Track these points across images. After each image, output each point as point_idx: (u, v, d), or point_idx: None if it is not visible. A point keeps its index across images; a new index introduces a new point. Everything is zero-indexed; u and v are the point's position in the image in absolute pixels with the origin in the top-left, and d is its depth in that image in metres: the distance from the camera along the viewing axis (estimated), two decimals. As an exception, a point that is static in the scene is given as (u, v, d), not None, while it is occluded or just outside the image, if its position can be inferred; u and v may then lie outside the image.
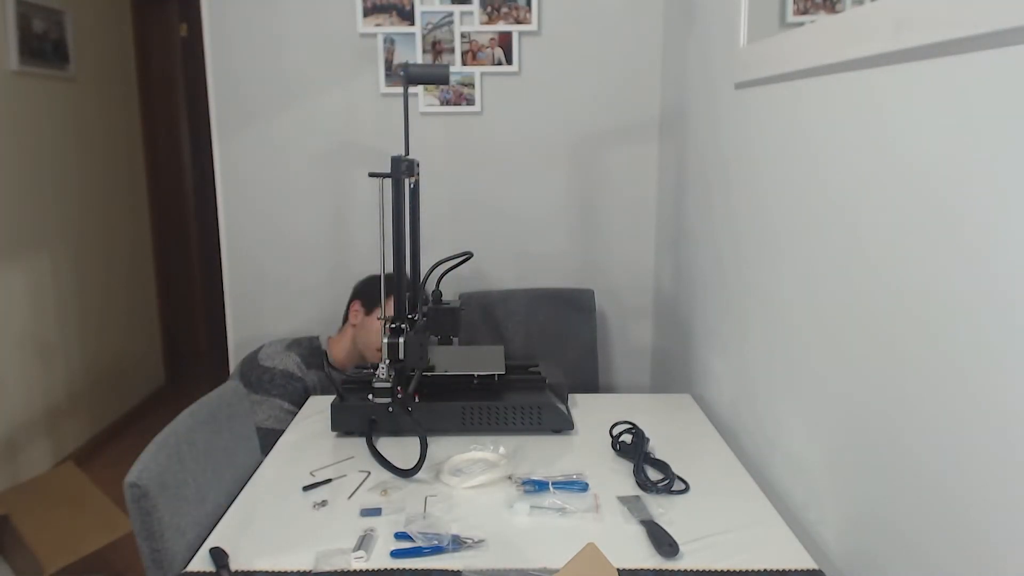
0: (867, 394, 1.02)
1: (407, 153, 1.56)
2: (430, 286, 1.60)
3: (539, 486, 1.25)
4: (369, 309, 1.87)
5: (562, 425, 1.49)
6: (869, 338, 1.01)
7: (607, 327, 2.36)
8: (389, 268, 1.49)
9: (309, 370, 1.81)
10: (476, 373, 1.52)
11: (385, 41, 2.15)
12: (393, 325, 1.49)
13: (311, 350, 1.87)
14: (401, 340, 1.46)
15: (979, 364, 0.79)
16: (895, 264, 0.94)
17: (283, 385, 1.73)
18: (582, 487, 1.25)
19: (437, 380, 1.52)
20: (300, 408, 1.66)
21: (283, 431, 1.54)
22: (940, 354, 0.85)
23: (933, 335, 0.86)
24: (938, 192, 0.85)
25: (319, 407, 1.62)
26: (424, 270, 1.63)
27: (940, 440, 0.86)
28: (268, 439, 1.53)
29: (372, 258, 2.29)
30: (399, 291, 1.50)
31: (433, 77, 1.53)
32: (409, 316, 1.51)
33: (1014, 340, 0.73)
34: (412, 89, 2.17)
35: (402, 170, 1.47)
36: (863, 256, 1.02)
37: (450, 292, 1.71)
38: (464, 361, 1.60)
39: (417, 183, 1.58)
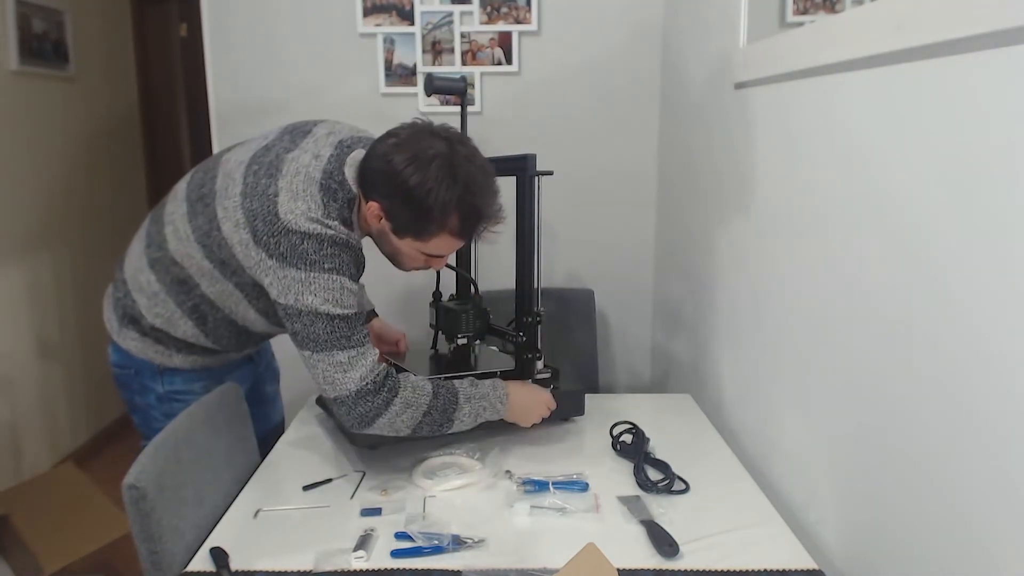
0: (867, 394, 1.02)
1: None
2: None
3: (539, 486, 1.24)
4: (399, 232, 1.27)
5: (577, 411, 1.55)
6: (870, 338, 1.01)
7: (607, 327, 2.35)
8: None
9: (353, 231, 1.27)
10: (499, 370, 1.52)
11: (385, 41, 2.14)
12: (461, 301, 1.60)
13: (347, 206, 1.25)
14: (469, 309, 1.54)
15: (980, 365, 0.79)
16: (896, 264, 0.94)
17: (337, 256, 1.21)
18: (582, 487, 1.25)
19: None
20: (356, 281, 1.26)
21: (348, 314, 1.20)
22: (941, 355, 0.85)
23: (934, 336, 0.86)
24: (938, 191, 0.85)
25: (318, 409, 1.62)
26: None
27: (940, 441, 0.85)
28: (333, 328, 1.18)
29: (370, 258, 2.28)
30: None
31: (453, 89, 1.64)
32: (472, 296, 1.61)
33: (1015, 341, 0.73)
34: (412, 89, 2.17)
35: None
36: (864, 256, 1.02)
37: (448, 292, 1.71)
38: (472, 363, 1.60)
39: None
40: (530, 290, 1.48)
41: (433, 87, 1.61)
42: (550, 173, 1.46)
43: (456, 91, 1.64)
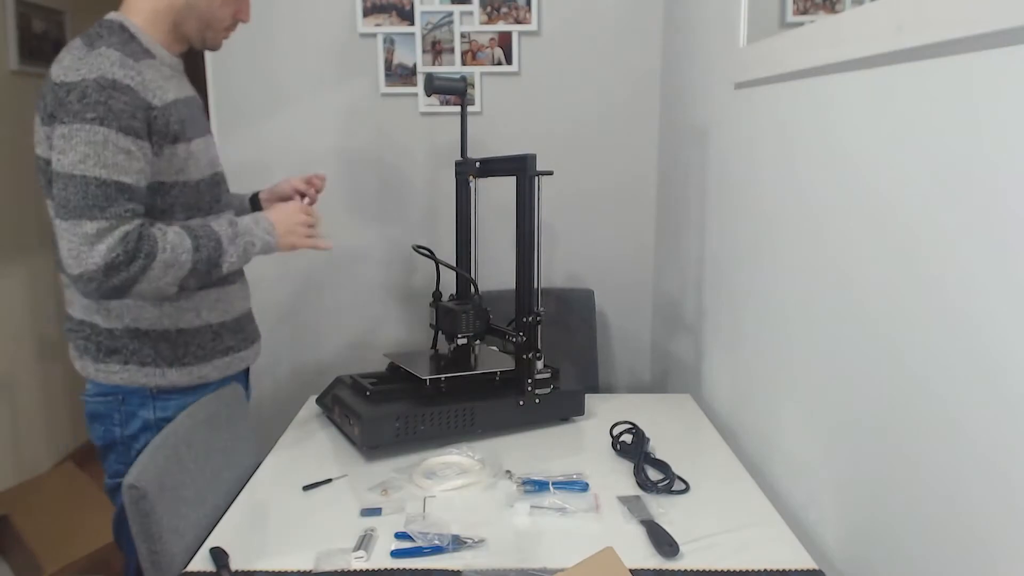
0: (867, 394, 1.02)
1: (464, 154, 1.69)
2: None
3: (539, 486, 1.25)
4: None
5: (577, 410, 1.56)
6: (869, 339, 1.01)
7: (607, 327, 2.35)
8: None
9: (139, 62, 1.13)
10: (498, 370, 1.53)
11: (385, 41, 2.14)
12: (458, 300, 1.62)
13: (122, 30, 1.16)
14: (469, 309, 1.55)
15: (977, 364, 0.79)
16: (896, 265, 0.94)
17: (103, 103, 1.06)
18: (582, 487, 1.25)
19: (458, 381, 1.51)
20: (141, 139, 1.11)
21: (106, 179, 1.07)
22: (938, 354, 0.85)
23: (933, 336, 0.86)
24: (939, 191, 0.85)
25: (318, 409, 1.62)
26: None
27: (940, 440, 0.85)
28: (86, 192, 1.06)
29: (370, 258, 2.29)
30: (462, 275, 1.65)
31: (453, 90, 1.65)
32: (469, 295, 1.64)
33: (1011, 341, 0.73)
34: (412, 89, 2.17)
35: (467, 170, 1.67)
36: (863, 256, 1.02)
37: (448, 292, 1.71)
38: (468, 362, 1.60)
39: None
40: (530, 290, 1.48)
41: (433, 87, 1.61)
42: (550, 173, 1.47)
43: (456, 91, 1.64)
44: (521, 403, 1.48)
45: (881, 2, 0.93)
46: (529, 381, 1.48)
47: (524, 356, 1.48)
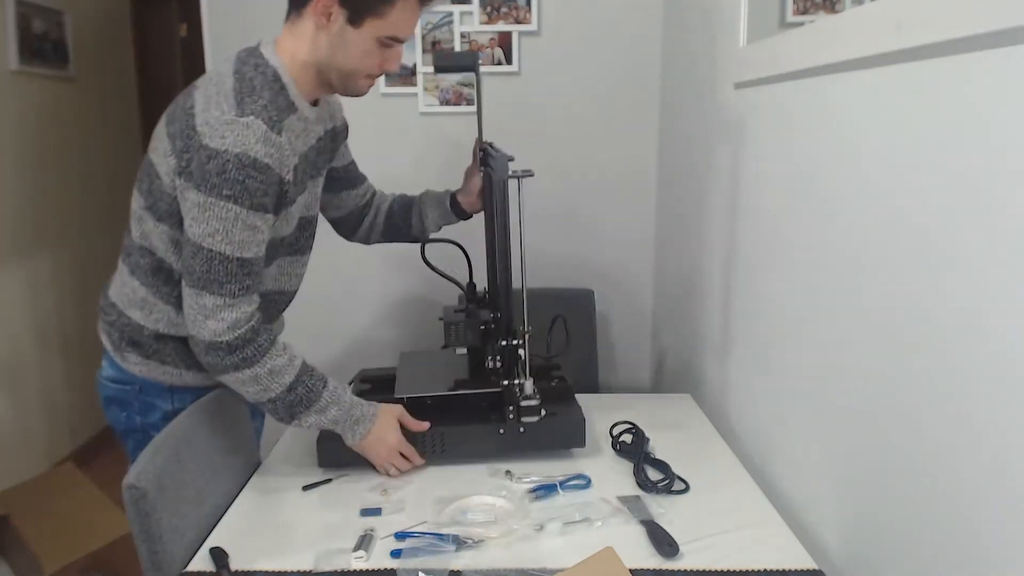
0: (867, 394, 1.02)
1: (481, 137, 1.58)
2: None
3: (547, 490, 1.24)
4: (357, 16, 1.17)
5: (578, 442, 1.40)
6: (869, 339, 1.01)
7: (607, 327, 2.35)
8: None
9: (282, 124, 1.15)
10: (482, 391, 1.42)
11: (385, 41, 2.14)
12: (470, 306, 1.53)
13: (268, 85, 1.17)
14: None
15: (979, 364, 0.78)
16: (895, 265, 0.94)
17: (240, 182, 1.08)
18: (587, 482, 1.25)
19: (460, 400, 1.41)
20: (268, 213, 1.14)
21: (229, 255, 1.11)
22: (940, 356, 0.85)
23: (933, 337, 0.86)
24: (938, 191, 0.85)
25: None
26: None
27: (939, 441, 0.85)
28: (210, 267, 1.11)
29: (370, 258, 2.29)
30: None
31: (460, 66, 1.51)
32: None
33: (1014, 341, 0.73)
34: (412, 89, 2.17)
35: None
36: (863, 257, 1.02)
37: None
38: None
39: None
40: (509, 307, 1.37)
41: (438, 66, 1.45)
42: (531, 175, 1.38)
43: (465, 67, 1.48)
44: (501, 431, 1.34)
45: (881, 2, 0.93)
46: (511, 408, 1.33)
47: (505, 383, 1.35)
